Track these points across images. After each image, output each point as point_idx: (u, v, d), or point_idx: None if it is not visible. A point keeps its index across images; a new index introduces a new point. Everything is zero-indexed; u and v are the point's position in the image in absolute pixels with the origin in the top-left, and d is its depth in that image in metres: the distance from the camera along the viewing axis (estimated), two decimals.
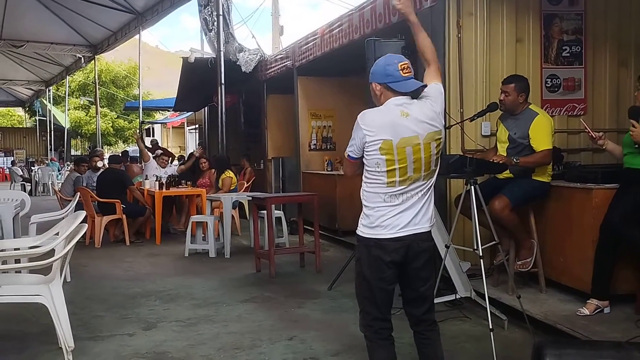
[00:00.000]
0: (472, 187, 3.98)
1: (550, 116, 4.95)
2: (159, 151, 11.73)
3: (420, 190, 2.78)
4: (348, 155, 2.86)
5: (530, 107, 4.74)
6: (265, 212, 6.75)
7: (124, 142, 36.01)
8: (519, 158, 4.58)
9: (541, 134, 4.60)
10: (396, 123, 2.71)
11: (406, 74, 2.76)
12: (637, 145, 4.01)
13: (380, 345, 2.87)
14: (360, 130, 2.75)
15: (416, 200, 2.77)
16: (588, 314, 4.22)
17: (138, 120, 16.04)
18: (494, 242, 4.28)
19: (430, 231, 2.85)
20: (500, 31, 5.70)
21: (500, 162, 4.54)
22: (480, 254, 3.91)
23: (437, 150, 2.79)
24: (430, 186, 2.84)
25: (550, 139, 4.63)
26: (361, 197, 2.85)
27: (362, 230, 2.83)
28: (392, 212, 2.75)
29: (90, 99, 30.39)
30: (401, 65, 2.76)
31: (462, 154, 5.32)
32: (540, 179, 4.68)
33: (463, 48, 5.58)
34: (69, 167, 17.87)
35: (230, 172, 8.92)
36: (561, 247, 4.71)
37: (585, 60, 5.95)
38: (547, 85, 5.88)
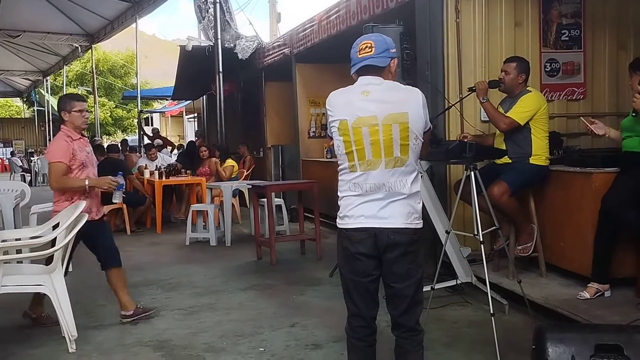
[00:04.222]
0: (472, 172, 3.98)
1: (547, 100, 4.89)
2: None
3: (388, 182, 2.56)
4: (328, 135, 2.83)
5: (527, 88, 4.71)
6: (265, 200, 6.75)
7: (122, 131, 35.91)
8: (486, 98, 4.64)
9: (520, 105, 4.58)
10: (353, 102, 2.60)
11: (362, 55, 2.62)
12: (634, 114, 3.98)
13: (355, 346, 2.71)
14: (328, 111, 2.70)
15: (384, 195, 2.57)
16: (589, 297, 4.23)
17: (136, 109, 15.97)
18: (494, 228, 4.28)
19: (408, 228, 2.58)
20: (499, 15, 5.67)
21: (474, 88, 4.68)
22: (481, 240, 3.91)
23: (403, 136, 2.54)
24: (405, 182, 2.57)
25: (525, 115, 4.54)
26: None
27: (337, 221, 2.76)
28: (357, 201, 2.62)
29: (88, 89, 30.23)
30: (360, 47, 2.64)
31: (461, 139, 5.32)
32: (538, 163, 4.67)
33: (462, 33, 5.55)
34: None
35: (231, 160, 8.92)
36: (561, 232, 4.71)
37: (584, 44, 5.92)
38: (546, 69, 5.86)
